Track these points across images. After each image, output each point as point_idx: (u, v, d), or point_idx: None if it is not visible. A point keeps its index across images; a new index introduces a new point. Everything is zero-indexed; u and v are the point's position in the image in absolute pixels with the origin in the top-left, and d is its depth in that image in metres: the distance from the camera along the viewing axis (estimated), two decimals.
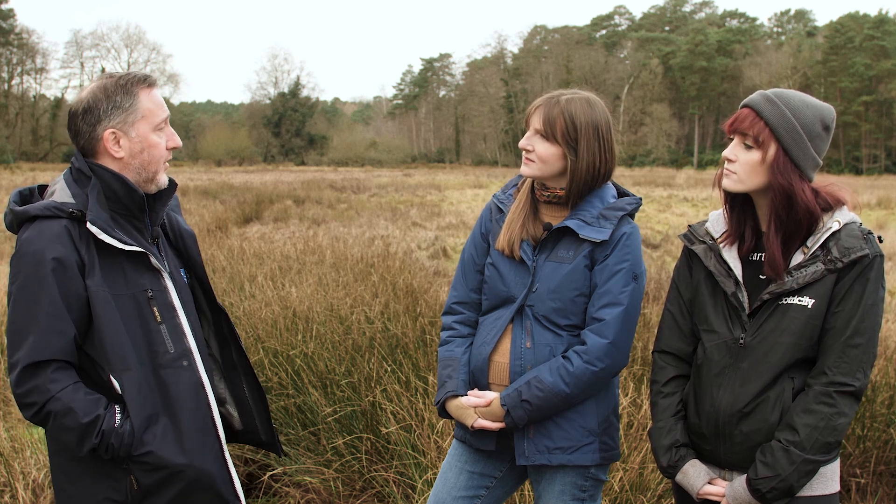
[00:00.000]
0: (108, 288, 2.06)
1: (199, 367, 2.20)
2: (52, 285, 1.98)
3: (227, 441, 2.48)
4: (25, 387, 1.98)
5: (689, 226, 2.33)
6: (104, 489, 2.08)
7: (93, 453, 2.03)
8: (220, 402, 2.42)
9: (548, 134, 2.32)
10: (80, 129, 2.13)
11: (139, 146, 2.13)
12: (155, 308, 2.13)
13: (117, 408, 2.04)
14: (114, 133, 2.11)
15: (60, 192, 2.11)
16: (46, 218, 2.03)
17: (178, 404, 2.12)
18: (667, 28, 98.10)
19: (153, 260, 2.15)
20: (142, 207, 2.16)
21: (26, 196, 2.16)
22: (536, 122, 2.35)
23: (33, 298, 1.99)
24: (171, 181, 2.26)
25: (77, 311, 2.02)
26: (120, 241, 2.06)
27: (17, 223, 2.08)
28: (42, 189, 2.20)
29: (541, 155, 2.33)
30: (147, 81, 2.16)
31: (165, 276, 2.18)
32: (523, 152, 2.38)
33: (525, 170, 2.39)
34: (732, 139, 2.15)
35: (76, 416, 1.97)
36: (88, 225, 2.02)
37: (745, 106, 2.13)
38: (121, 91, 2.11)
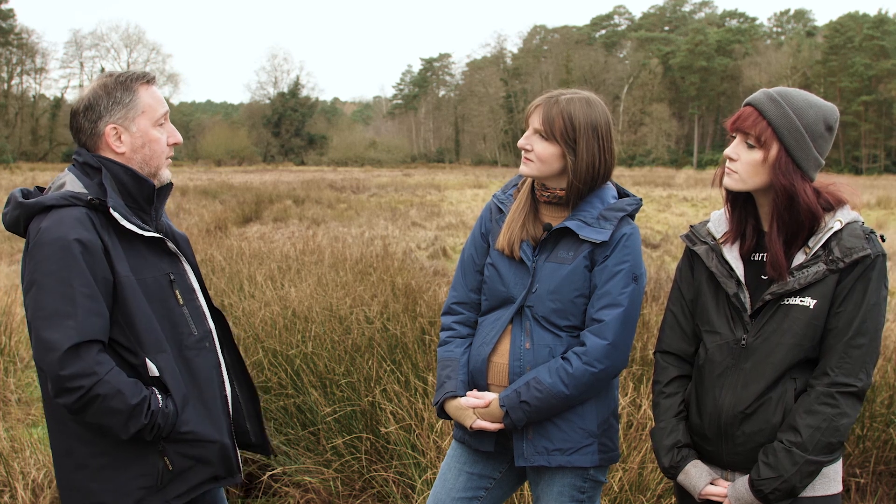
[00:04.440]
0: (133, 273, 2.08)
1: (218, 348, 2.28)
2: (82, 267, 1.98)
3: None
4: (70, 370, 1.93)
5: (691, 226, 2.32)
6: (133, 477, 2.09)
7: (136, 435, 2.03)
8: None
9: (547, 133, 2.31)
10: (81, 125, 2.16)
11: (140, 141, 2.16)
12: (177, 291, 2.18)
13: (155, 389, 2.08)
14: (115, 128, 2.14)
15: (72, 184, 2.12)
16: (63, 207, 2.04)
17: (203, 385, 2.20)
18: (666, 28, 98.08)
19: (170, 245, 2.19)
20: (150, 199, 2.19)
21: (28, 195, 2.16)
22: (535, 121, 2.34)
23: (66, 281, 1.97)
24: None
25: (105, 294, 2.03)
26: (138, 227, 2.10)
27: (24, 217, 2.07)
28: (41, 191, 2.20)
29: (539, 154, 2.33)
30: (146, 78, 2.20)
31: (183, 260, 2.23)
32: (522, 152, 2.38)
33: (524, 169, 2.39)
34: (734, 137, 2.14)
35: (125, 398, 1.98)
36: (111, 211, 2.05)
37: (747, 104, 2.12)
38: (121, 87, 2.15)
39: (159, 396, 2.07)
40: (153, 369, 2.08)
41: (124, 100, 2.14)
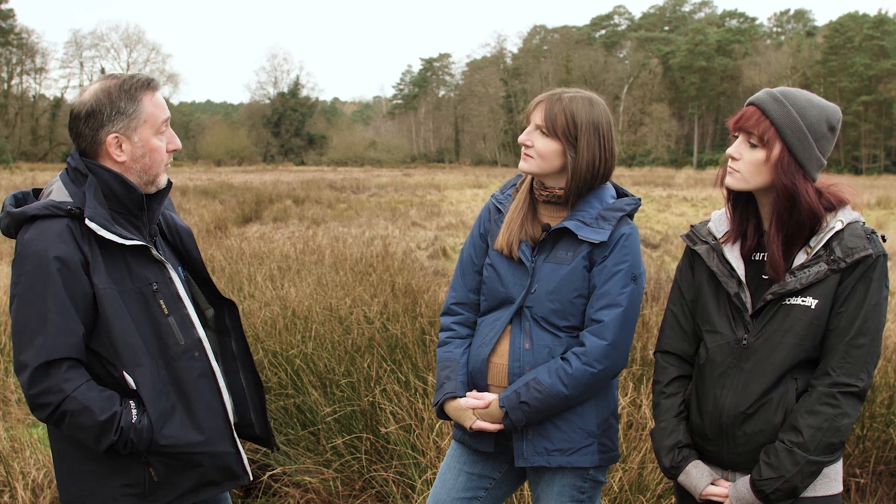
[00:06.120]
0: (114, 284, 2.06)
1: (210, 356, 2.22)
2: (57, 284, 1.98)
3: None
4: (39, 387, 1.97)
5: (692, 226, 2.31)
6: (120, 484, 2.10)
7: (110, 449, 2.03)
8: None
9: (548, 130, 2.31)
10: (82, 132, 2.13)
11: (141, 150, 2.14)
12: (161, 301, 2.14)
13: (132, 403, 2.05)
14: (117, 138, 2.11)
15: (58, 192, 2.10)
16: (46, 217, 2.02)
17: (191, 394, 2.15)
18: (666, 28, 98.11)
19: (154, 253, 2.15)
20: (140, 206, 2.16)
21: (20, 200, 2.16)
22: (538, 117, 2.34)
23: (40, 298, 1.98)
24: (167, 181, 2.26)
25: (83, 309, 2.02)
26: (120, 236, 2.06)
27: (14, 226, 2.07)
28: (37, 193, 2.19)
29: (540, 151, 2.33)
30: (151, 86, 2.17)
31: (169, 267, 2.19)
32: (522, 148, 2.37)
33: (524, 165, 2.38)
34: (736, 137, 2.14)
35: (93, 415, 1.98)
36: (87, 221, 2.01)
37: (750, 104, 2.11)
38: (125, 96, 2.11)
39: (134, 412, 2.04)
40: (131, 383, 2.06)
41: (128, 110, 2.10)
